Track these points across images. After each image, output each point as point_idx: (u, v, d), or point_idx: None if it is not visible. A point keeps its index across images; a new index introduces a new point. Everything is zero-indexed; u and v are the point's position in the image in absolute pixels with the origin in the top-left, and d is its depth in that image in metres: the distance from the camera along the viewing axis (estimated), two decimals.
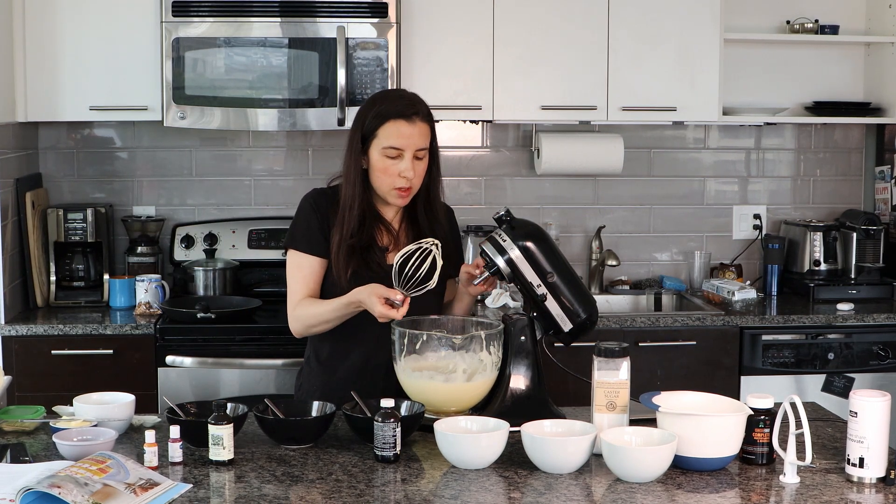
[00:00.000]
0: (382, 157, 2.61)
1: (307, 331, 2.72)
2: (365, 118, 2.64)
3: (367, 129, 2.63)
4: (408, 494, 2.07)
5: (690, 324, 3.92)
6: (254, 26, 3.83)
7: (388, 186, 2.64)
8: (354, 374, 2.71)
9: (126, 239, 4.23)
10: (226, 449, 2.18)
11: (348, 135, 2.69)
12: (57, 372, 3.66)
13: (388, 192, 2.65)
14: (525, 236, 2.52)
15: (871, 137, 4.61)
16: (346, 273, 2.62)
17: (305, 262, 2.70)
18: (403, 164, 2.61)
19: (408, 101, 2.66)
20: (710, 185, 4.59)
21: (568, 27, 4.05)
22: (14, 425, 2.44)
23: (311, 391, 2.76)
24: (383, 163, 2.62)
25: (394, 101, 2.65)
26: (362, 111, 2.68)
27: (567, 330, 2.53)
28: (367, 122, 2.64)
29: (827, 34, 4.37)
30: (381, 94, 2.77)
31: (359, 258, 2.63)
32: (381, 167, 2.62)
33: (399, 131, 2.60)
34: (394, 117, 2.61)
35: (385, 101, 2.67)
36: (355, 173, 2.65)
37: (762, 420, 2.20)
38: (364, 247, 2.65)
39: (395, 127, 2.60)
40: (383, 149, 2.61)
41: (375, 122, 2.62)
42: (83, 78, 3.89)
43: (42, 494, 1.91)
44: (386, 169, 2.62)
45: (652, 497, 2.04)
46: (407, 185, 2.63)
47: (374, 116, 2.62)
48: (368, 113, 2.64)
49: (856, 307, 4.07)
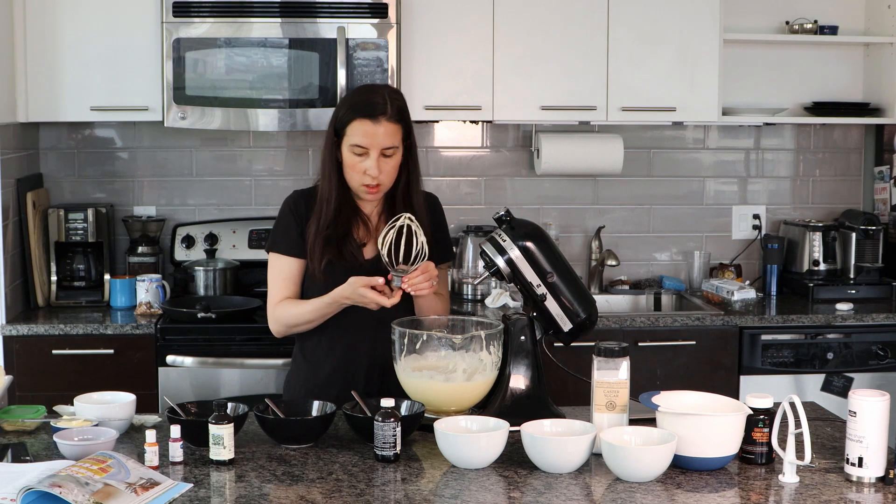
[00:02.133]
0: (350, 154, 2.65)
1: (288, 330, 2.75)
2: (338, 114, 2.69)
3: (338, 125, 2.67)
4: (408, 494, 2.07)
5: (690, 324, 3.92)
6: (254, 27, 3.84)
7: (356, 183, 2.67)
8: (339, 369, 2.72)
9: (127, 239, 4.23)
10: (226, 448, 2.18)
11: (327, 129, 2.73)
12: (58, 372, 3.66)
13: (357, 187, 2.68)
14: (525, 236, 2.52)
15: (871, 138, 4.61)
16: (321, 263, 2.65)
17: (285, 264, 2.73)
18: (368, 163, 2.63)
19: (376, 99, 2.66)
20: (709, 186, 4.60)
21: (568, 27, 4.05)
22: (15, 425, 2.44)
23: (297, 388, 2.77)
24: (351, 159, 2.65)
25: (362, 100, 2.67)
26: (338, 107, 2.72)
27: (567, 330, 2.53)
28: (338, 118, 2.67)
29: (826, 35, 4.38)
30: (356, 90, 2.79)
31: (334, 249, 2.66)
32: (349, 164, 2.66)
33: (364, 130, 2.62)
34: (359, 117, 2.63)
35: (355, 98, 2.70)
36: (331, 167, 2.69)
37: (761, 420, 2.20)
38: (339, 237, 2.67)
39: (360, 126, 2.63)
40: (350, 146, 2.64)
41: (344, 120, 2.65)
42: (84, 78, 3.89)
43: (43, 494, 1.91)
44: (354, 166, 2.65)
45: (651, 497, 2.04)
46: (373, 182, 2.65)
47: (343, 114, 2.66)
48: (341, 109, 2.69)
49: (855, 307, 4.08)
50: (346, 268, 2.65)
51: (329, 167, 2.69)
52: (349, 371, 2.72)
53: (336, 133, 2.67)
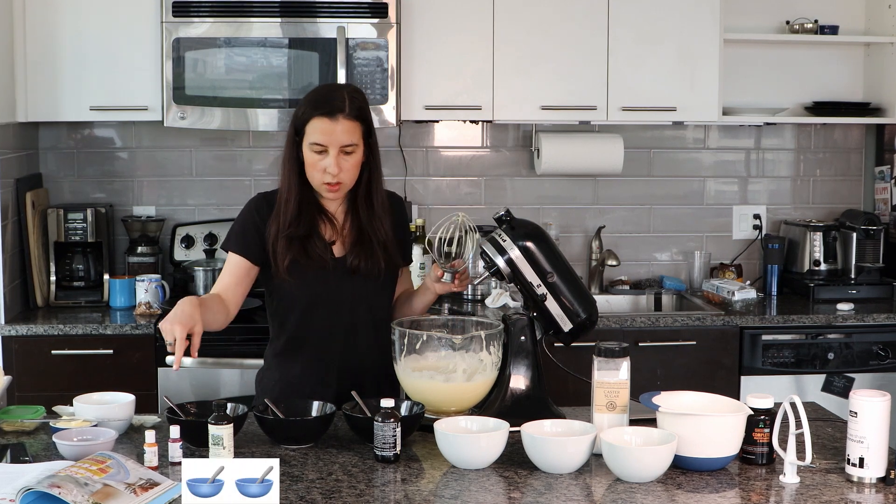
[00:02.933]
0: (310, 152, 2.63)
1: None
2: (298, 113, 2.67)
3: (297, 123, 2.66)
4: (408, 494, 2.07)
5: (690, 324, 3.92)
6: (254, 26, 3.84)
7: (317, 181, 2.66)
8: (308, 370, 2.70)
9: (126, 239, 4.23)
10: (226, 449, 2.18)
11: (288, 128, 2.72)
12: (57, 372, 3.66)
13: (318, 186, 2.67)
14: (525, 236, 2.52)
15: (871, 137, 4.61)
16: (284, 263, 2.63)
17: (233, 261, 2.70)
18: (328, 161, 2.62)
19: (334, 98, 2.65)
20: (709, 185, 4.59)
21: (568, 27, 4.05)
22: (14, 425, 2.44)
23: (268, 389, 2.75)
24: (311, 158, 2.64)
25: (320, 98, 2.66)
26: (300, 104, 2.70)
27: (567, 330, 2.53)
28: (297, 116, 2.66)
29: (826, 34, 4.37)
30: (316, 89, 2.78)
31: (297, 248, 2.64)
32: (310, 162, 2.64)
33: (321, 128, 2.61)
34: (317, 115, 2.62)
35: (314, 97, 2.69)
36: (290, 165, 2.67)
37: (762, 420, 2.20)
38: (303, 237, 2.65)
39: (318, 124, 2.61)
40: (310, 144, 2.63)
41: (303, 119, 2.64)
42: (83, 78, 3.89)
43: (42, 494, 1.91)
44: (314, 164, 2.64)
45: (652, 497, 2.04)
46: (333, 180, 2.64)
47: (303, 112, 2.65)
48: (300, 108, 2.67)
49: (856, 307, 4.07)
50: (313, 267, 2.64)
51: (289, 167, 2.68)
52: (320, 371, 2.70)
53: (296, 132, 2.66)
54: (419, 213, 4.40)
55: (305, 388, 2.66)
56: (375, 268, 2.68)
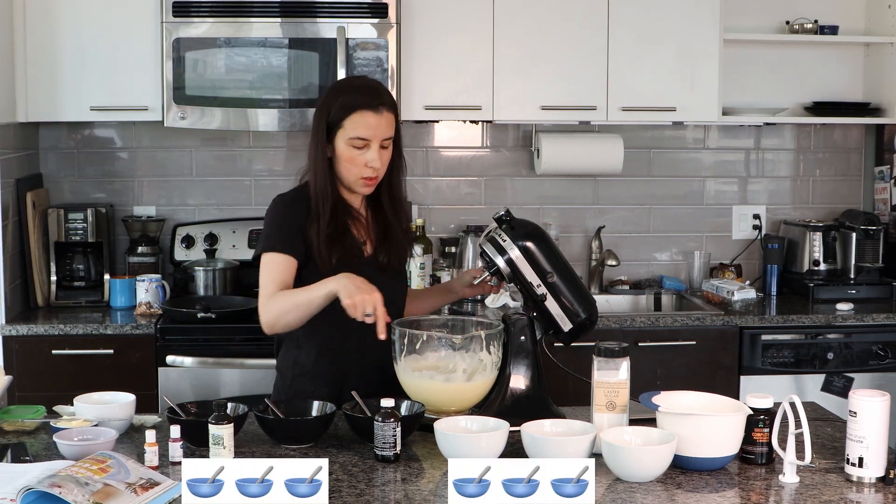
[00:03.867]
0: (349, 147, 2.61)
1: (277, 321, 2.57)
2: (330, 108, 2.63)
3: (332, 119, 2.62)
4: (408, 494, 2.07)
5: (690, 324, 3.92)
6: (254, 26, 3.84)
7: (354, 176, 2.64)
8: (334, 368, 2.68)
9: (126, 239, 4.23)
10: (226, 449, 2.18)
11: (314, 124, 2.67)
12: (57, 372, 3.66)
13: (354, 181, 2.65)
14: (525, 236, 2.52)
15: (871, 137, 4.61)
16: (332, 262, 2.60)
17: (280, 260, 2.61)
18: (370, 154, 2.61)
19: (373, 90, 2.65)
20: (709, 185, 4.60)
21: (568, 27, 4.05)
22: (15, 425, 2.44)
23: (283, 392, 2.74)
24: (350, 153, 2.61)
25: (359, 92, 2.64)
26: (327, 100, 2.66)
27: (567, 330, 2.53)
28: (332, 112, 2.62)
29: (826, 34, 4.38)
30: (345, 82, 2.77)
31: (339, 247, 2.63)
32: (347, 157, 2.62)
33: (366, 122, 2.60)
34: (361, 108, 2.60)
35: (350, 90, 2.66)
36: (323, 163, 2.64)
37: (762, 420, 2.20)
38: (341, 235, 2.64)
39: (361, 117, 2.60)
40: (350, 139, 2.61)
41: (342, 113, 2.61)
42: (84, 78, 3.89)
43: (43, 494, 1.91)
44: (353, 159, 2.62)
45: (652, 497, 2.04)
46: (374, 174, 2.64)
47: (340, 107, 2.61)
48: (333, 103, 2.63)
49: (855, 307, 4.08)
50: (353, 265, 2.62)
51: (322, 165, 2.64)
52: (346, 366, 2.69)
53: (329, 129, 2.63)
54: (419, 213, 4.40)
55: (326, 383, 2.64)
56: (401, 262, 2.70)
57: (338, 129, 2.62)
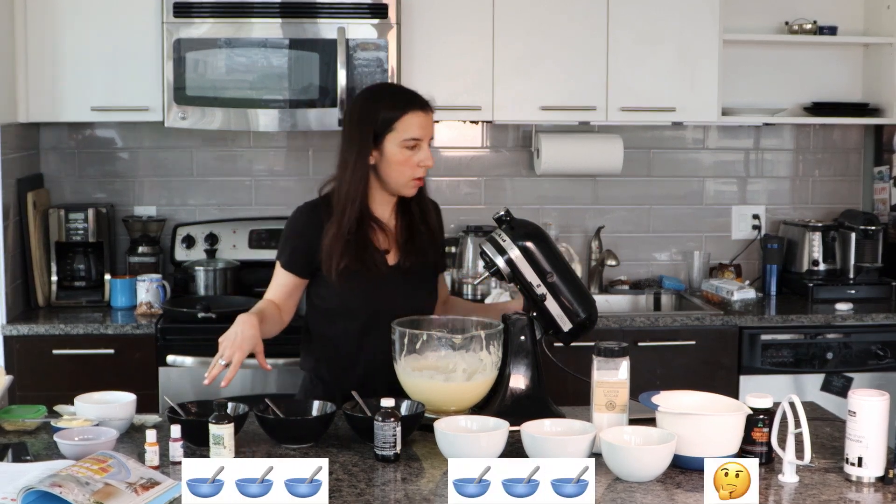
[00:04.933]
0: (401, 149, 2.63)
1: None
2: (375, 113, 2.64)
3: (380, 123, 2.63)
4: (408, 493, 2.08)
5: (690, 324, 3.93)
6: (254, 27, 3.84)
7: (406, 178, 2.66)
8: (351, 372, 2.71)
9: (127, 239, 4.24)
10: (227, 448, 2.18)
11: (348, 133, 2.69)
12: (58, 371, 3.67)
13: (405, 183, 2.67)
14: (525, 236, 2.52)
15: (870, 138, 4.61)
16: (338, 266, 2.62)
17: (281, 273, 2.75)
18: (423, 154, 2.64)
19: (412, 92, 2.71)
20: (709, 186, 4.60)
21: (568, 27, 4.06)
22: (15, 425, 2.45)
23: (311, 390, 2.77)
24: (402, 155, 2.63)
25: (402, 94, 2.70)
26: (368, 107, 2.67)
27: (567, 330, 2.54)
28: (379, 116, 2.63)
29: (825, 35, 4.38)
30: (380, 88, 2.80)
31: (353, 255, 2.63)
32: (400, 159, 2.63)
33: (418, 122, 2.63)
34: (411, 109, 2.63)
35: (389, 95, 2.71)
36: (363, 170, 2.64)
37: (761, 419, 2.21)
38: (360, 245, 2.65)
39: (414, 118, 2.63)
40: (403, 141, 2.62)
41: (392, 115, 2.62)
42: (84, 79, 3.90)
43: (43, 494, 1.91)
44: (406, 160, 2.63)
45: (651, 496, 2.05)
46: (423, 173, 2.67)
47: (390, 109, 2.63)
48: (378, 107, 2.65)
49: (854, 307, 4.08)
50: (366, 276, 2.64)
51: (361, 173, 2.64)
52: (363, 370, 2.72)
53: (377, 133, 2.63)
54: None
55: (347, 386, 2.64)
56: (426, 267, 2.71)
57: (388, 133, 2.63)
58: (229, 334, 2.51)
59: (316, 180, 4.32)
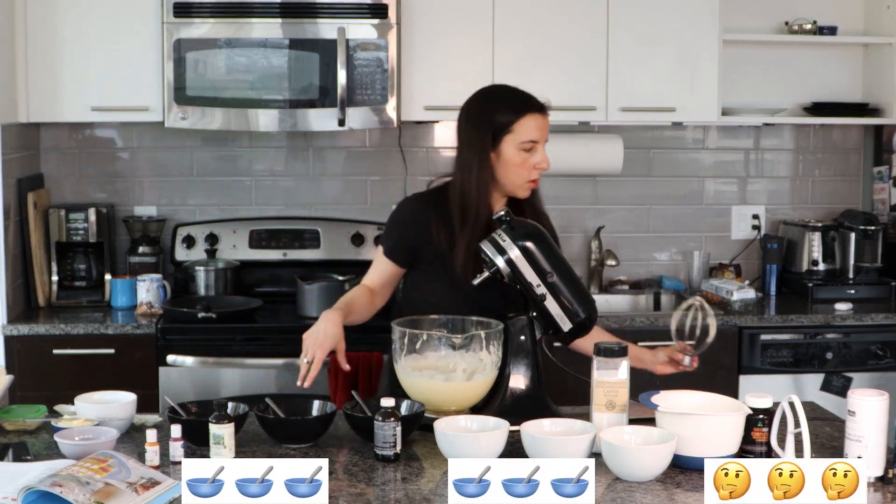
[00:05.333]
0: (519, 151, 2.65)
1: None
2: (492, 115, 2.65)
3: (499, 125, 2.65)
4: (408, 493, 2.08)
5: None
6: (255, 27, 3.85)
7: (522, 179, 2.68)
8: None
9: (127, 239, 4.24)
10: (227, 448, 2.19)
11: (466, 135, 2.69)
12: (58, 371, 3.67)
13: (520, 185, 2.69)
14: (524, 236, 2.52)
15: (870, 138, 4.62)
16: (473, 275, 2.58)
17: (381, 259, 2.79)
18: (539, 156, 2.66)
19: (527, 94, 2.71)
20: (709, 186, 4.60)
21: (568, 28, 4.06)
22: (16, 424, 2.45)
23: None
24: (520, 157, 2.65)
25: (522, 97, 2.70)
26: (484, 108, 2.68)
27: (566, 330, 2.54)
28: (497, 118, 2.65)
29: (825, 35, 4.38)
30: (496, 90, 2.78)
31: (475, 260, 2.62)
32: (517, 161, 2.65)
33: (536, 124, 2.66)
34: (530, 111, 2.65)
35: (510, 96, 2.71)
36: (487, 172, 2.65)
37: (761, 419, 2.21)
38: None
39: (532, 121, 2.65)
40: (521, 143, 2.64)
41: (510, 118, 2.64)
42: (85, 79, 3.90)
43: (44, 493, 1.92)
44: (523, 162, 2.65)
45: (651, 496, 2.05)
46: (539, 175, 2.68)
47: (507, 112, 2.65)
48: (495, 109, 2.66)
49: (854, 307, 4.08)
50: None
51: (485, 174, 2.65)
52: None
53: (494, 135, 2.64)
54: None
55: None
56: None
57: (505, 135, 2.65)
58: (312, 331, 2.54)
59: (316, 180, 4.37)
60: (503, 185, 2.70)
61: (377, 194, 4.42)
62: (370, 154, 4.42)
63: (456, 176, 2.72)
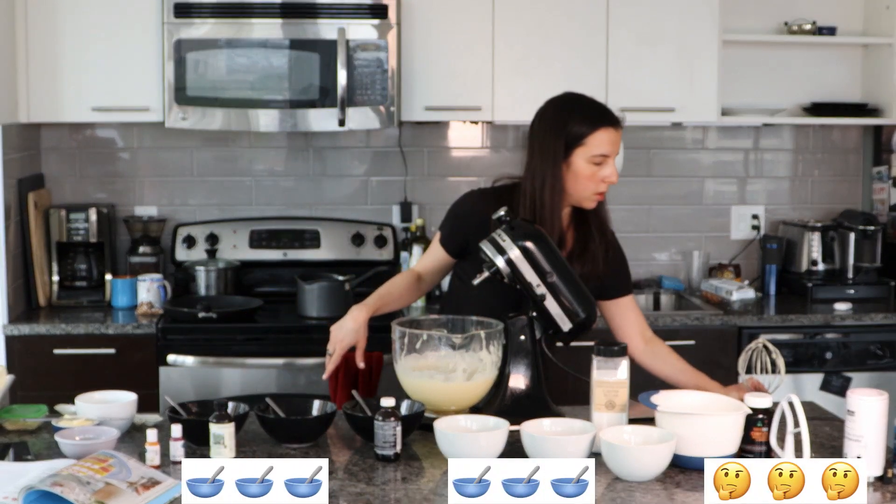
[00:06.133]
0: (589, 164, 2.64)
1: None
2: (566, 125, 2.65)
3: (572, 136, 2.64)
4: (408, 493, 2.08)
5: (689, 323, 3.93)
6: (255, 27, 3.85)
7: (590, 192, 2.68)
8: None
9: (128, 239, 4.24)
10: (227, 448, 2.19)
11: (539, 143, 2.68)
12: (59, 371, 3.67)
13: (588, 196, 2.69)
14: (524, 236, 2.52)
15: (869, 138, 4.62)
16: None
17: (436, 246, 2.83)
18: (608, 170, 2.65)
19: (604, 107, 2.69)
20: (708, 186, 4.61)
21: (568, 28, 4.06)
22: (16, 424, 2.45)
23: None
24: (589, 170, 2.64)
25: (598, 109, 2.68)
26: (559, 117, 2.68)
27: (566, 329, 2.54)
28: (570, 129, 2.64)
29: (825, 35, 4.38)
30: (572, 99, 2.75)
31: None
32: (587, 174, 2.65)
33: (609, 138, 2.64)
34: (604, 125, 2.64)
35: (586, 107, 2.69)
36: (560, 182, 2.65)
37: (760, 419, 2.21)
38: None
39: (605, 135, 2.64)
40: (592, 156, 2.63)
41: (584, 130, 2.63)
42: (85, 79, 3.90)
43: (44, 493, 1.92)
44: (592, 175, 2.65)
45: (651, 496, 2.05)
46: (606, 188, 2.69)
47: (582, 123, 2.63)
48: (570, 119, 2.65)
49: (853, 307, 4.09)
50: None
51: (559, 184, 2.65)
52: None
53: (567, 145, 2.64)
54: (419, 213, 4.41)
55: None
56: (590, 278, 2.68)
57: (577, 147, 2.64)
58: (337, 325, 2.64)
59: (316, 180, 4.38)
60: (570, 195, 2.70)
61: (377, 194, 4.42)
62: (370, 154, 4.42)
63: (527, 183, 2.70)
